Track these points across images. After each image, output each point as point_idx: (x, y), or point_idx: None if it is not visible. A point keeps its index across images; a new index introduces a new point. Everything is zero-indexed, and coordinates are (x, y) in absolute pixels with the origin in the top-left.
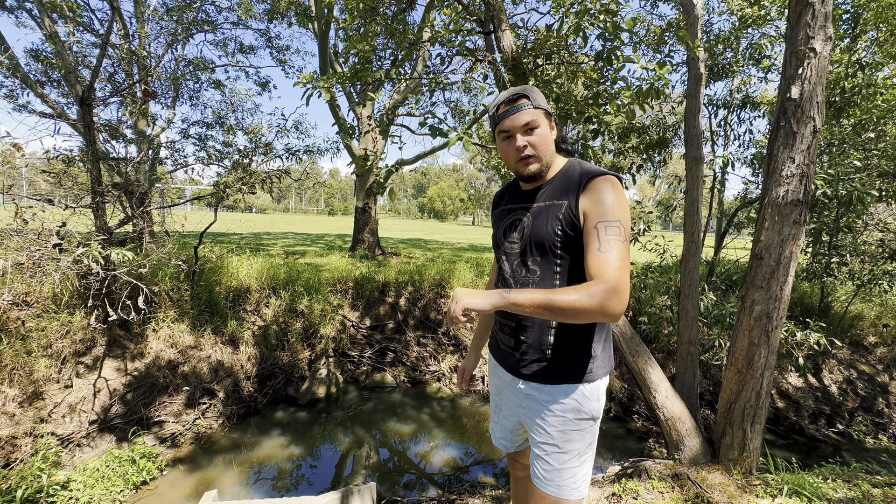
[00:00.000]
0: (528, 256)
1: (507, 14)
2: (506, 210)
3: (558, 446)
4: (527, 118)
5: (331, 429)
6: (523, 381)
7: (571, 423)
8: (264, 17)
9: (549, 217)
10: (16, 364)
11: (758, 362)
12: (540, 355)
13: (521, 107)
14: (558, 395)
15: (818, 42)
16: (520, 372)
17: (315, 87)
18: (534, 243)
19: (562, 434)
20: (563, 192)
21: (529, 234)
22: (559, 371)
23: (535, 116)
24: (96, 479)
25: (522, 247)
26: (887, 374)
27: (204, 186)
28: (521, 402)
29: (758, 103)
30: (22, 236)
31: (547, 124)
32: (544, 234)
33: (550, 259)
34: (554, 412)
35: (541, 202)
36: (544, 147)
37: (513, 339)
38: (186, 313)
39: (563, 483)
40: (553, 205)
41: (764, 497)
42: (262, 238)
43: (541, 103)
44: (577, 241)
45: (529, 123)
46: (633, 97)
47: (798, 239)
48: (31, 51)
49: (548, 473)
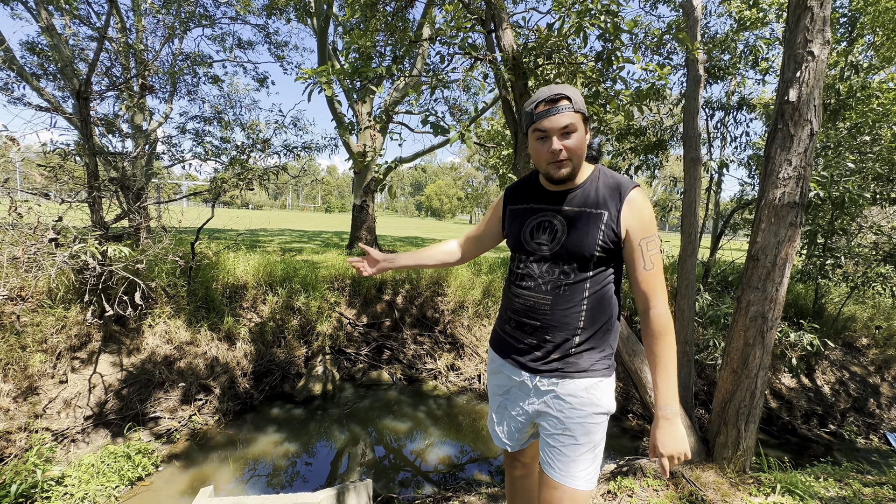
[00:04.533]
0: (564, 262)
1: (507, 13)
2: (530, 209)
3: (575, 438)
4: (566, 121)
5: (327, 426)
6: (543, 377)
7: (590, 417)
8: (263, 12)
9: (590, 226)
10: (10, 359)
11: (753, 362)
12: (565, 353)
13: (561, 108)
14: (579, 390)
15: (816, 46)
16: (539, 369)
17: (317, 82)
18: (572, 250)
19: (579, 426)
20: (602, 202)
21: (566, 240)
22: (583, 367)
23: (574, 120)
24: (91, 475)
25: (555, 250)
26: (879, 376)
27: (201, 182)
28: (537, 398)
29: (754, 105)
30: (17, 230)
31: (584, 129)
32: (584, 244)
33: (586, 266)
34: (573, 406)
35: (574, 207)
36: (580, 152)
37: (535, 339)
38: (183, 309)
39: (576, 474)
40: (592, 213)
41: (757, 495)
42: (259, 235)
43: (581, 107)
44: (614, 252)
45: (568, 127)
46: (633, 98)
47: (794, 241)
48: (26, 43)
49: (563, 465)
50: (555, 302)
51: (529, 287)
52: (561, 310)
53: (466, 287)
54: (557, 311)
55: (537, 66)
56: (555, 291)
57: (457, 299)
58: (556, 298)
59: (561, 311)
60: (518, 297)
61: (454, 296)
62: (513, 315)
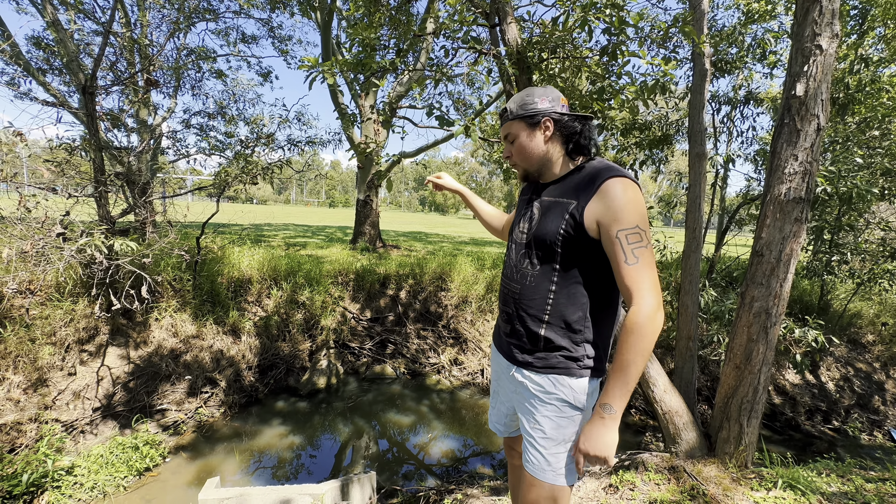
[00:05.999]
0: (532, 250)
1: (512, 7)
2: (526, 200)
3: (545, 432)
4: (505, 131)
5: (331, 419)
6: (517, 369)
7: (558, 412)
8: (266, 6)
9: (555, 214)
10: (20, 351)
11: (756, 358)
12: (532, 346)
13: (504, 119)
14: (547, 385)
15: (824, 39)
16: (515, 358)
17: (320, 71)
18: (538, 238)
19: (548, 420)
20: (573, 191)
21: (535, 228)
22: (551, 363)
23: (511, 129)
24: (100, 465)
25: (528, 239)
26: (884, 373)
27: (205, 177)
28: (514, 388)
29: (761, 100)
30: (25, 224)
31: (527, 132)
32: (548, 231)
33: (550, 257)
34: (543, 400)
35: (551, 196)
36: (521, 156)
37: (509, 326)
38: (188, 303)
39: (550, 469)
40: (560, 202)
41: (758, 490)
42: (263, 229)
43: (524, 111)
44: (581, 243)
45: (508, 136)
46: (638, 92)
47: (799, 237)
48: (32, 38)
49: (536, 459)
50: (522, 290)
51: (507, 275)
52: (527, 299)
53: (470, 282)
54: (524, 300)
55: (542, 61)
56: (523, 280)
57: (460, 294)
58: (523, 287)
59: (527, 300)
60: (502, 284)
61: (457, 291)
62: (500, 304)
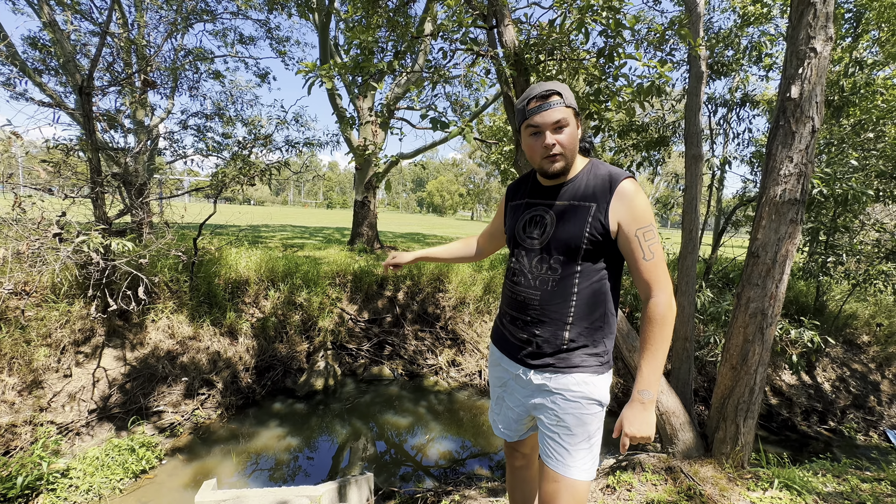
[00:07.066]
0: (551, 255)
1: (509, 9)
2: (525, 204)
3: (570, 429)
4: (558, 116)
5: (328, 420)
6: (536, 372)
7: (583, 408)
8: (264, 7)
9: (578, 218)
10: (15, 353)
11: (752, 358)
12: (555, 349)
13: (552, 104)
14: (571, 385)
15: (819, 42)
16: (532, 363)
17: (318, 75)
18: (559, 243)
19: (573, 417)
20: (591, 195)
21: (554, 233)
22: (574, 363)
23: (565, 115)
24: (96, 468)
25: (544, 244)
26: (879, 373)
27: (202, 178)
28: (531, 391)
29: (757, 102)
30: (21, 225)
31: (575, 123)
32: (572, 235)
33: (573, 260)
34: (567, 398)
35: (565, 200)
36: (572, 146)
37: (525, 334)
38: (185, 304)
39: (574, 465)
40: (580, 206)
41: (755, 490)
42: (261, 230)
43: (571, 102)
44: (604, 244)
45: (560, 122)
46: (634, 94)
47: (794, 237)
48: (29, 38)
49: (560, 456)
50: (543, 297)
51: (520, 282)
52: (550, 305)
53: (467, 283)
54: (546, 306)
55: (539, 63)
56: (543, 287)
57: (458, 295)
58: (544, 293)
59: (550, 306)
60: (512, 292)
61: (455, 292)
62: (508, 310)
